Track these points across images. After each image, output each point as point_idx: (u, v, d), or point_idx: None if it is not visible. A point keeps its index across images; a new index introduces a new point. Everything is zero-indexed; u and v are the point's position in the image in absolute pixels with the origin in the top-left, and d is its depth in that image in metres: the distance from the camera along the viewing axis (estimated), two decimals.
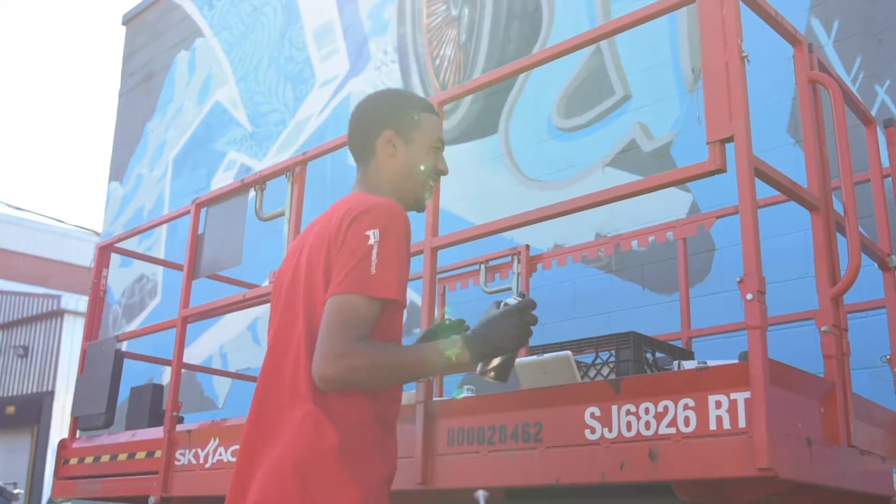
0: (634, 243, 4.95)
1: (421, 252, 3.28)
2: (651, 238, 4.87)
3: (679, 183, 2.79)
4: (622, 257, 5.56)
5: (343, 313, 1.95)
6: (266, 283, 4.81)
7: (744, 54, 2.63)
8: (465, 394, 3.13)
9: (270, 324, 2.26)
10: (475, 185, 6.68)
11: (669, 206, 5.21)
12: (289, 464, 1.95)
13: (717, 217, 4.62)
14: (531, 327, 2.08)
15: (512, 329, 2.04)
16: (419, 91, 7.58)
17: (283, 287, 2.22)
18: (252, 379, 6.09)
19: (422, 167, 2.30)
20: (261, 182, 4.40)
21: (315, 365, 1.95)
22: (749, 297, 2.36)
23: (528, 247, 5.22)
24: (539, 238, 5.62)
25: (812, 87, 3.04)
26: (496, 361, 2.12)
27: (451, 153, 7.06)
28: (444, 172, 2.38)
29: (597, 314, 5.62)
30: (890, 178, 3.72)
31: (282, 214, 4.24)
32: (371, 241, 1.99)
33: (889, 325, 3.29)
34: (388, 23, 8.10)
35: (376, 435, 2.05)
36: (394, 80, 7.82)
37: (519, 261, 5.18)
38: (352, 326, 1.94)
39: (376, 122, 2.32)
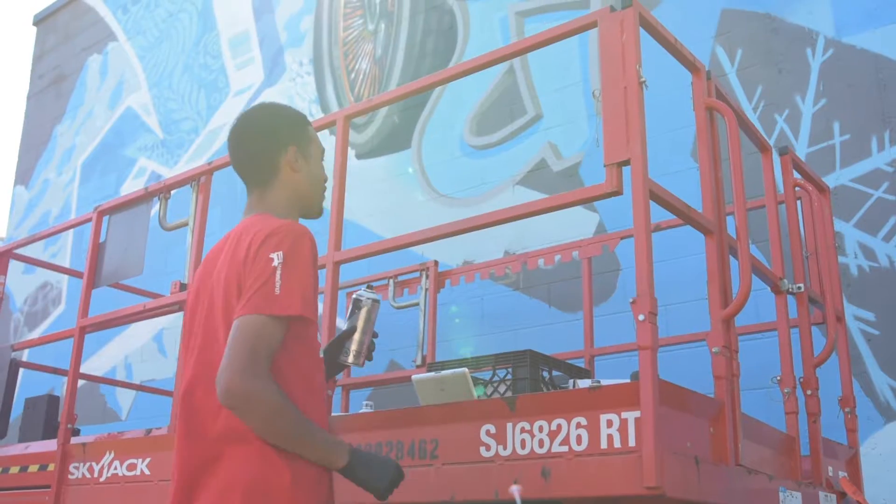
0: (541, 262, 5.00)
1: (324, 266, 3.26)
2: (557, 257, 4.93)
3: (578, 203, 2.83)
4: (529, 275, 5.62)
5: (246, 332, 1.95)
6: (169, 293, 4.73)
7: (642, 80, 2.68)
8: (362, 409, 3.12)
9: (187, 342, 2.21)
10: (386, 200, 6.69)
11: (576, 225, 5.29)
12: (238, 496, 1.95)
13: (622, 238, 4.70)
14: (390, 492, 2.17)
15: (387, 482, 2.14)
16: (333, 104, 7.56)
17: (200, 307, 2.18)
18: (156, 391, 5.98)
19: (320, 178, 2.36)
20: (165, 191, 4.32)
21: (219, 379, 1.93)
22: (641, 317, 2.40)
23: (436, 262, 5.23)
24: (448, 254, 5.65)
25: (709, 113, 3.11)
26: None
27: (363, 167, 7.09)
28: (326, 179, 2.43)
29: (504, 331, 5.67)
30: (784, 205, 3.83)
31: (185, 224, 4.18)
32: (275, 263, 2.00)
33: (780, 348, 3.38)
34: (304, 34, 8.07)
35: (317, 469, 2.07)
36: (309, 92, 7.78)
37: (427, 276, 5.19)
38: (261, 347, 1.95)
39: (278, 139, 2.29)
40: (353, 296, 2.42)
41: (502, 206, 5.96)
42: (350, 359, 2.44)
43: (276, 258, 2.00)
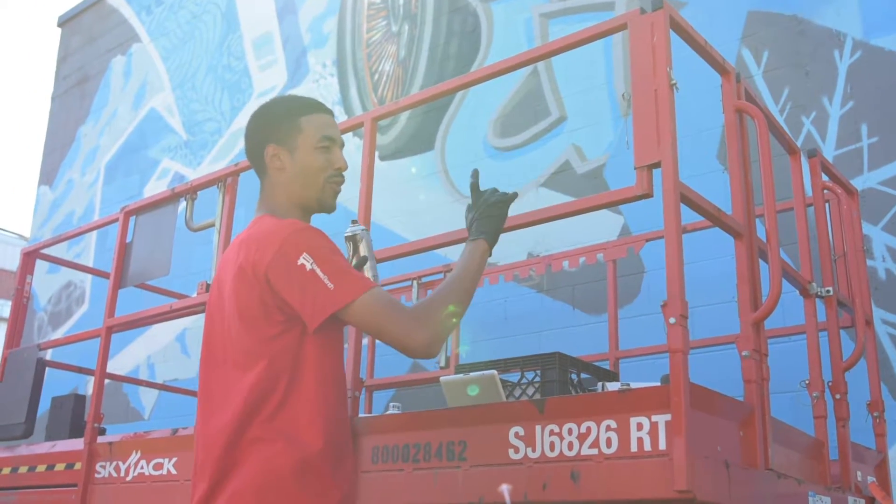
0: (565, 264, 5.00)
1: None
2: (582, 259, 4.92)
3: (607, 206, 2.82)
4: (553, 277, 5.61)
5: (369, 310, 2.02)
6: (195, 294, 4.75)
7: (672, 82, 2.67)
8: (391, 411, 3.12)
9: (203, 341, 2.24)
10: (410, 202, 6.69)
11: (601, 227, 5.28)
12: (250, 492, 1.98)
13: (647, 240, 4.69)
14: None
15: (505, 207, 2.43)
16: (356, 106, 7.57)
17: (213, 308, 2.22)
18: (179, 391, 6.01)
19: (314, 170, 2.27)
20: (192, 192, 4.34)
21: (405, 345, 2.03)
22: (672, 321, 2.39)
23: None
24: None
25: (739, 116, 3.10)
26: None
27: (386, 169, 7.10)
28: (343, 168, 2.32)
29: (527, 333, 5.66)
30: (812, 207, 3.81)
31: (212, 225, 4.20)
32: (309, 267, 2.01)
33: (808, 351, 3.36)
34: (327, 36, 8.09)
35: (329, 456, 2.07)
36: (332, 94, 7.80)
37: None
38: (389, 310, 2.03)
39: (259, 138, 2.30)
40: (346, 235, 2.44)
41: (526, 208, 5.97)
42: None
43: (307, 262, 2.01)
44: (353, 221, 2.44)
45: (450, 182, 6.57)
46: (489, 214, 2.37)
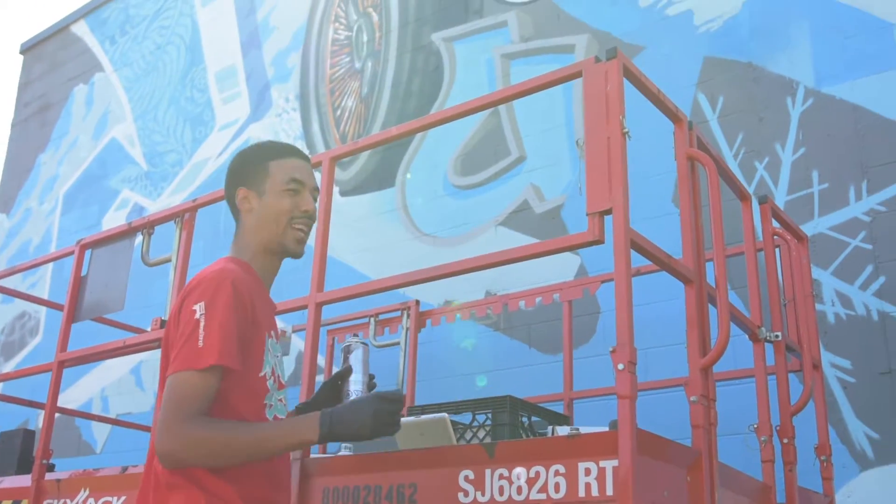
0: (522, 303, 5.03)
1: (305, 307, 3.27)
2: (538, 299, 4.95)
3: (558, 252, 2.85)
4: (510, 316, 5.64)
5: (176, 390, 1.97)
6: (150, 329, 4.72)
7: (625, 130, 2.72)
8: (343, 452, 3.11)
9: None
10: (370, 238, 6.71)
11: (558, 267, 5.32)
12: None
13: (602, 281, 4.74)
14: (390, 424, 2.06)
15: (370, 418, 2.02)
16: (318, 141, 7.59)
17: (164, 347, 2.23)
18: (130, 425, 5.94)
19: (278, 212, 2.27)
20: (148, 226, 4.32)
21: (156, 445, 1.97)
22: (620, 367, 2.42)
23: (418, 302, 5.25)
24: (429, 293, 5.66)
25: (690, 163, 3.16)
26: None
27: (347, 205, 7.09)
28: (309, 211, 2.31)
29: (484, 372, 5.67)
30: (763, 252, 3.87)
31: (168, 261, 4.18)
32: (197, 315, 2.01)
33: (757, 396, 3.40)
34: (291, 70, 8.12)
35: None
36: (294, 128, 7.82)
37: (408, 315, 5.20)
38: (185, 402, 1.95)
39: (231, 182, 2.36)
40: (343, 345, 2.41)
41: (485, 246, 6.05)
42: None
43: (199, 309, 2.02)
44: (355, 335, 2.43)
45: (409, 219, 6.60)
46: (356, 421, 2.03)
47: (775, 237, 3.89)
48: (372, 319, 5.37)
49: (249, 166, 2.35)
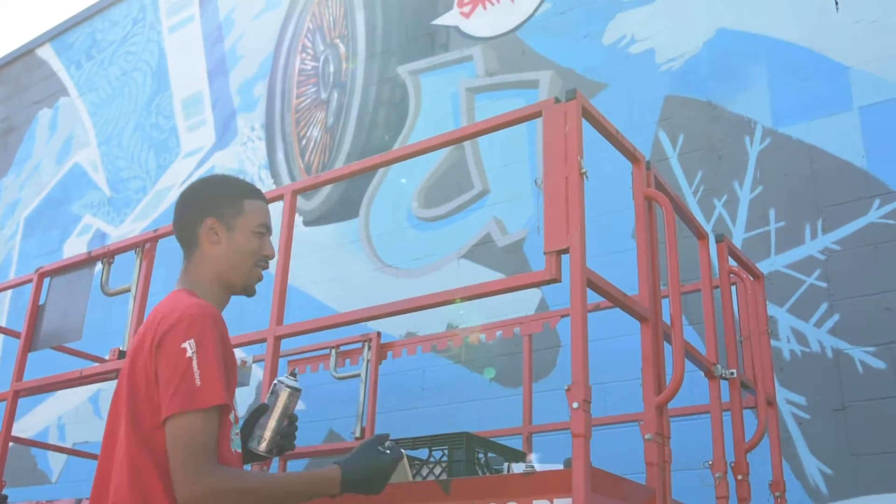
0: (483, 337, 5.05)
1: (263, 340, 3.28)
2: (499, 333, 4.98)
3: (515, 290, 2.89)
4: (471, 349, 5.66)
5: (186, 436, 1.94)
6: (108, 359, 4.68)
7: (583, 170, 2.77)
8: None
9: (109, 414, 2.20)
10: (332, 269, 6.71)
11: (519, 301, 5.34)
12: None
13: (562, 316, 4.77)
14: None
15: (387, 472, 2.17)
16: (283, 171, 7.60)
17: (118, 385, 2.18)
18: (87, 455, 5.86)
19: (246, 252, 2.28)
20: (108, 256, 4.31)
21: (178, 492, 1.92)
22: (575, 405, 2.45)
23: (379, 334, 5.26)
24: (391, 325, 5.67)
25: (648, 202, 3.21)
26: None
27: (310, 235, 7.09)
28: (271, 256, 2.35)
29: (445, 404, 5.68)
30: (719, 290, 3.93)
31: (127, 290, 4.17)
32: (189, 353, 1.98)
33: (712, 432, 3.44)
34: (257, 99, 8.13)
35: None
36: (259, 157, 7.82)
37: (370, 347, 5.20)
38: (200, 449, 1.93)
39: (199, 209, 2.30)
40: (275, 380, 2.37)
41: (447, 278, 6.08)
42: (259, 446, 2.28)
43: (189, 347, 1.99)
44: (293, 374, 2.37)
45: (373, 250, 6.61)
46: (367, 468, 2.16)
47: (731, 275, 3.96)
48: (333, 351, 5.36)
49: (222, 198, 2.32)
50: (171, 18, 9.55)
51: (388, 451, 2.19)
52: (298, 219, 7.16)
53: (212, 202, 2.30)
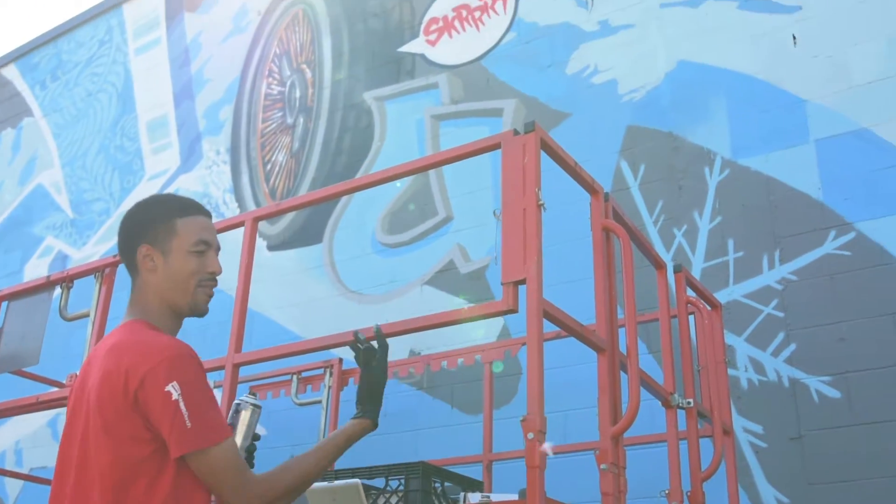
0: (444, 364, 5.06)
1: (222, 367, 3.26)
2: (460, 360, 4.99)
3: (473, 320, 2.91)
4: (433, 376, 5.67)
5: (223, 462, 1.98)
6: (66, 384, 4.64)
7: (540, 202, 2.81)
8: None
9: (62, 443, 2.17)
10: (296, 294, 6.69)
11: (482, 328, 5.37)
12: None
13: (523, 344, 4.78)
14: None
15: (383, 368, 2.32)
16: (247, 195, 7.59)
17: (75, 409, 2.15)
18: (43, 481, 5.79)
19: (186, 274, 2.20)
20: (67, 280, 4.28)
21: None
22: (530, 436, 2.47)
23: (341, 360, 5.25)
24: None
25: (606, 233, 3.25)
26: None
27: (274, 260, 7.05)
28: (216, 273, 2.26)
29: (406, 431, 5.67)
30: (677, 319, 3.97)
31: (86, 315, 4.14)
32: (174, 397, 1.96)
33: (669, 461, 3.48)
34: (223, 123, 8.13)
35: None
36: (224, 181, 7.80)
37: (331, 373, 5.20)
38: (242, 467, 2.01)
39: (132, 237, 2.23)
40: (235, 400, 2.37)
41: (410, 305, 6.08)
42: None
43: (174, 391, 1.96)
44: (252, 393, 2.38)
45: (336, 276, 6.61)
46: (378, 389, 2.33)
47: (689, 305, 4.00)
48: (294, 377, 5.35)
49: (152, 222, 2.22)
50: (138, 40, 9.53)
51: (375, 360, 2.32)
52: (262, 243, 7.15)
53: (143, 228, 2.22)
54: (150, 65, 9.19)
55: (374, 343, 2.33)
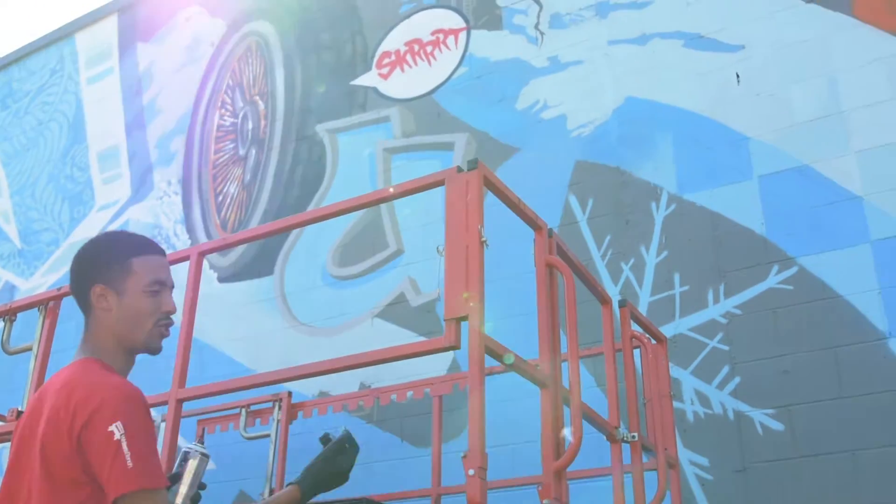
0: (394, 397, 5.06)
1: (165, 402, 3.24)
2: (409, 393, 5.00)
3: (415, 356, 2.92)
4: (383, 409, 5.65)
5: None
6: (6, 420, 4.57)
7: (483, 239, 2.83)
8: None
9: (6, 476, 2.14)
10: (246, 326, 6.66)
11: (431, 361, 5.36)
12: None
13: None
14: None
15: (343, 465, 2.41)
16: (199, 226, 7.55)
17: (20, 445, 2.13)
18: None
19: (142, 314, 2.19)
20: (10, 313, 4.23)
21: None
22: (471, 472, 2.48)
23: (290, 394, 5.22)
24: (303, 384, 5.63)
25: (550, 269, 3.28)
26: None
27: (224, 292, 7.01)
28: (171, 312, 2.24)
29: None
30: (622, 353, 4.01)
31: (29, 349, 4.08)
32: (117, 437, 1.93)
33: (614, 496, 3.50)
34: (175, 154, 8.09)
35: None
36: (175, 212, 7.76)
37: (280, 407, 5.17)
38: None
39: (87, 276, 2.21)
40: (183, 448, 2.37)
41: (360, 337, 6.07)
42: None
43: (117, 430, 1.93)
44: (200, 442, 2.39)
45: (287, 308, 6.59)
46: (326, 478, 2.41)
47: (634, 339, 4.05)
48: (243, 410, 5.31)
49: (107, 262, 2.21)
50: (90, 70, 9.47)
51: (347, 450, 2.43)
52: (213, 275, 7.11)
53: (98, 267, 2.21)
54: (102, 94, 9.14)
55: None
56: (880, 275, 4.65)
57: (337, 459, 2.37)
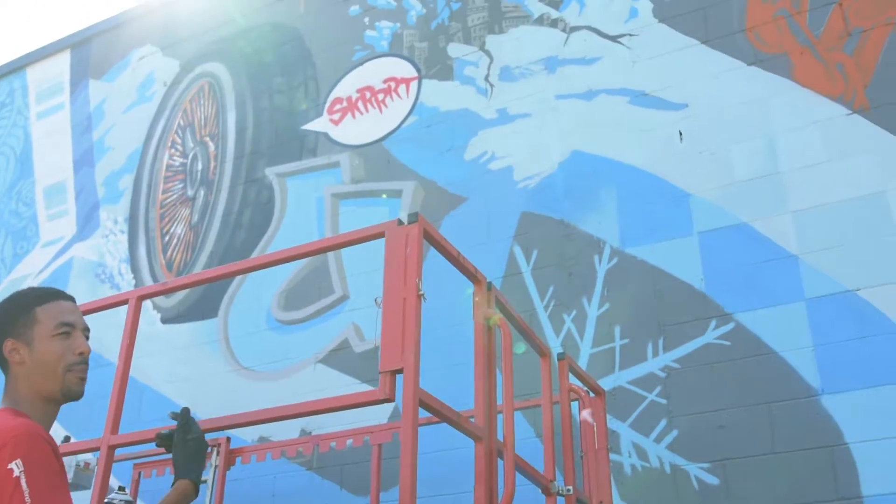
0: (333, 445, 5.03)
1: (97, 449, 3.21)
2: (349, 441, 4.98)
3: (350, 408, 2.94)
4: (322, 456, 5.62)
5: None
6: None
7: (421, 293, 2.87)
8: None
9: None
10: (188, 368, 6.60)
11: (373, 409, 5.35)
12: None
13: None
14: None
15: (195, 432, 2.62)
16: (144, 266, 7.50)
17: None
18: None
19: (52, 360, 2.21)
20: None
21: None
22: None
23: (228, 439, 5.17)
24: (242, 429, 5.59)
25: (487, 322, 3.32)
26: None
27: (167, 333, 6.94)
28: (84, 353, 2.26)
29: None
30: (559, 405, 4.06)
31: None
32: (16, 474, 1.94)
33: None
34: (122, 192, 8.04)
35: None
36: (120, 251, 7.70)
37: (218, 453, 5.11)
38: None
39: None
40: (107, 498, 2.36)
41: (303, 383, 6.06)
42: None
43: (16, 467, 1.94)
44: (121, 488, 2.40)
45: (230, 351, 6.55)
46: (196, 455, 2.61)
47: (572, 392, 4.09)
48: None
49: (15, 316, 2.25)
50: (41, 104, 9.41)
51: (190, 436, 2.62)
52: (156, 315, 7.05)
53: (5, 323, 2.25)
54: (52, 129, 9.08)
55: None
56: (814, 332, 4.75)
57: (187, 437, 2.60)
